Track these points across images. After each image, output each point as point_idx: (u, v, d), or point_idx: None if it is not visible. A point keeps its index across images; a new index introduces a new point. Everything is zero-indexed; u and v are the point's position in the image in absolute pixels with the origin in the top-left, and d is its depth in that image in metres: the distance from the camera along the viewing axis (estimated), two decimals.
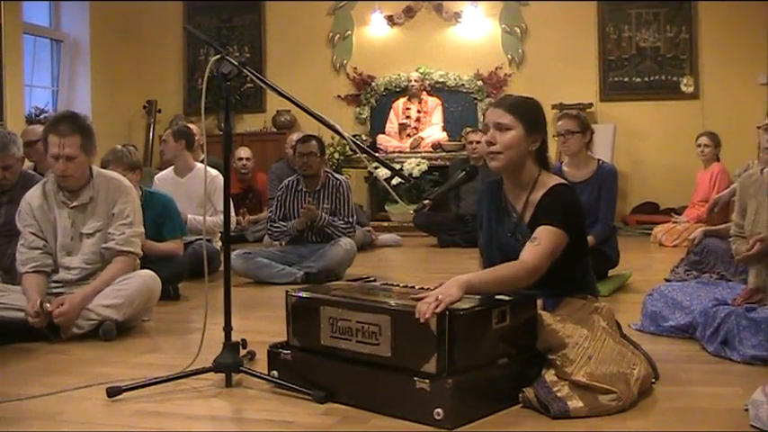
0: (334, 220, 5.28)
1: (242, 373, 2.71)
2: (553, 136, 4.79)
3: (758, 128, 3.20)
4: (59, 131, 3.54)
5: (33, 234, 3.63)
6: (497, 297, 2.49)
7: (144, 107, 9.63)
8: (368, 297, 2.58)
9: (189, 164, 5.76)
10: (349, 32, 9.43)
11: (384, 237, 7.52)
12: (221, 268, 3.52)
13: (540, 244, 2.54)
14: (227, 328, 2.69)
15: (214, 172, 5.31)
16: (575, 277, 2.71)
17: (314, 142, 5.32)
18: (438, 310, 2.25)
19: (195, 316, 4.00)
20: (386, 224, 8.22)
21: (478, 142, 6.94)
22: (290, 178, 5.54)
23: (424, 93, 8.94)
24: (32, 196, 3.68)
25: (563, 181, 2.77)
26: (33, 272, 3.58)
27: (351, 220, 5.35)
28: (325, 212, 5.28)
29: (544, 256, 2.53)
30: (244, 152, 7.95)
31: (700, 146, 7.29)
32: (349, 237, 5.32)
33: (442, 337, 2.26)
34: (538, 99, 2.81)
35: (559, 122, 4.78)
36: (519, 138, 2.66)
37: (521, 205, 2.72)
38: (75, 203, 3.65)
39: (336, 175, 5.53)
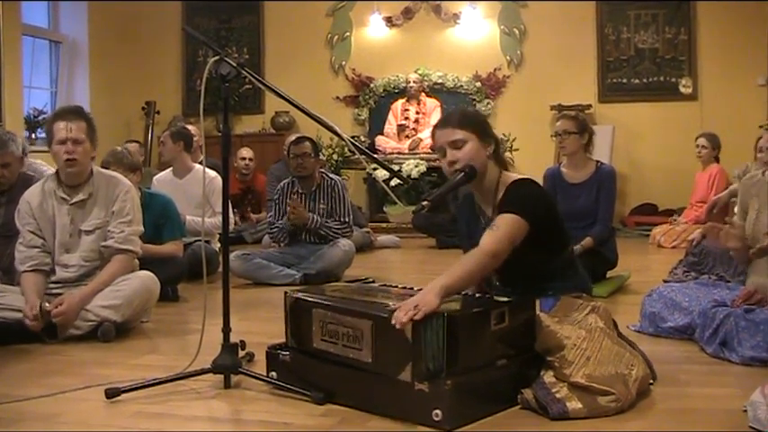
0: (327, 222, 5.27)
1: (241, 375, 2.71)
2: (551, 135, 4.79)
3: (761, 127, 3.22)
4: (67, 117, 3.60)
5: (32, 233, 3.63)
6: (496, 298, 2.49)
7: (143, 108, 9.63)
8: (364, 299, 2.58)
9: (187, 165, 5.75)
10: (348, 34, 9.43)
11: (383, 238, 7.52)
12: (220, 269, 3.52)
13: (498, 230, 2.59)
14: (226, 330, 2.69)
15: (213, 173, 5.31)
16: (557, 273, 2.73)
17: (307, 143, 5.33)
18: (416, 317, 2.24)
19: (194, 317, 4.00)
20: (384, 225, 8.22)
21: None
22: (285, 180, 5.54)
23: (423, 94, 8.93)
24: (32, 194, 3.69)
25: (524, 176, 2.81)
26: (32, 271, 3.58)
27: (347, 219, 5.35)
28: (321, 213, 5.28)
29: (501, 240, 2.56)
30: (246, 152, 7.98)
31: (698, 147, 7.30)
32: (346, 237, 5.33)
33: (417, 346, 2.25)
34: (536, 100, 2.88)
35: (557, 123, 4.78)
36: (476, 148, 2.73)
37: (490, 209, 2.78)
38: (74, 200, 3.66)
39: (331, 176, 5.54)
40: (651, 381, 2.60)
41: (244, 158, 7.92)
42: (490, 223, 2.72)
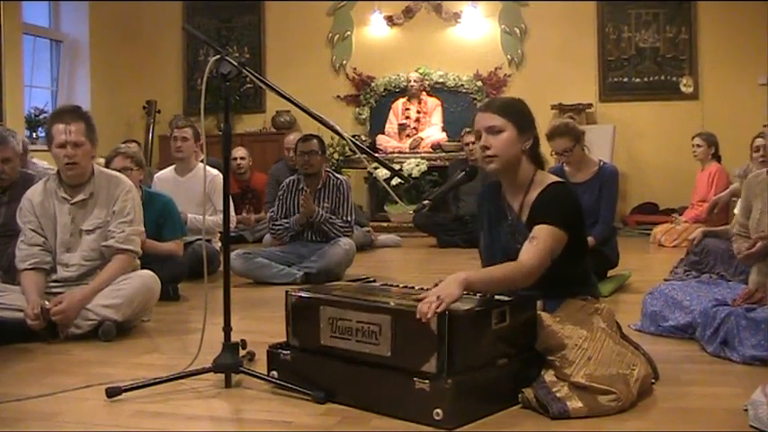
0: (331, 218, 5.28)
1: (241, 374, 2.71)
2: (551, 154, 4.74)
3: (766, 126, 3.21)
4: (64, 120, 3.59)
5: (33, 231, 3.64)
6: (497, 297, 2.49)
7: (144, 107, 9.64)
8: (367, 297, 2.58)
9: (191, 163, 5.76)
10: (348, 33, 9.43)
11: (383, 237, 7.52)
12: (221, 268, 3.52)
13: (539, 244, 2.53)
14: (227, 329, 2.69)
15: (214, 171, 5.31)
16: (574, 278, 2.71)
17: (315, 141, 5.33)
18: (439, 309, 2.25)
19: (195, 316, 4.00)
20: (385, 224, 8.22)
21: (474, 143, 6.93)
22: (290, 177, 5.54)
23: (424, 93, 8.94)
24: (33, 193, 3.70)
25: (559, 179, 2.77)
26: (32, 269, 3.58)
27: (349, 219, 5.35)
28: (324, 211, 5.28)
29: (543, 256, 2.52)
30: (239, 152, 7.90)
31: (693, 146, 7.30)
32: (347, 236, 5.33)
33: (442, 337, 2.26)
34: (537, 99, 2.83)
35: (552, 143, 4.63)
36: (512, 139, 2.68)
37: (518, 205, 2.73)
38: (75, 199, 3.66)
39: (337, 175, 5.54)
40: (653, 380, 2.60)
41: (236, 158, 7.86)
42: (516, 220, 2.70)
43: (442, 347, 2.26)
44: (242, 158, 7.90)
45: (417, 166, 8.16)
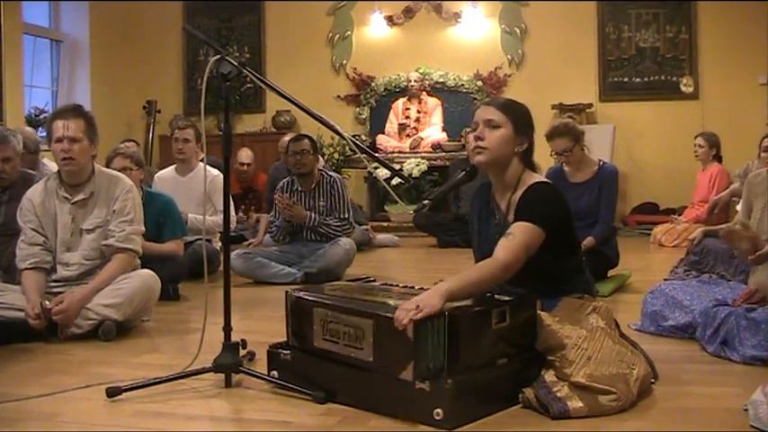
0: (326, 220, 5.28)
1: (241, 374, 2.71)
2: (550, 154, 4.74)
3: None
4: (64, 116, 3.61)
5: (34, 230, 3.64)
6: (497, 297, 2.49)
7: (144, 107, 9.64)
8: (365, 298, 2.58)
9: (191, 163, 5.76)
10: (349, 33, 9.43)
11: (382, 237, 7.52)
12: (221, 268, 3.52)
13: (514, 239, 2.55)
14: (227, 329, 2.69)
15: (215, 171, 5.31)
16: (565, 276, 2.72)
17: (306, 140, 5.34)
18: (416, 317, 2.24)
19: (195, 316, 3.99)
20: (386, 224, 8.22)
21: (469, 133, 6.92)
22: (285, 179, 5.54)
23: (424, 93, 8.94)
24: (34, 193, 3.71)
25: (544, 179, 2.79)
26: (33, 268, 3.59)
27: (346, 216, 5.34)
28: (321, 211, 5.28)
29: (517, 251, 2.53)
30: (245, 156, 7.91)
31: (695, 146, 7.29)
32: (346, 234, 5.33)
33: (418, 345, 2.25)
34: (537, 99, 2.86)
35: (552, 143, 4.66)
36: (507, 137, 2.70)
37: (505, 205, 2.75)
38: (75, 199, 3.67)
39: (331, 173, 5.55)
40: (652, 380, 2.60)
41: (243, 163, 7.87)
42: (503, 219, 2.72)
43: (418, 355, 2.25)
44: (248, 164, 7.89)
45: (417, 165, 8.16)
